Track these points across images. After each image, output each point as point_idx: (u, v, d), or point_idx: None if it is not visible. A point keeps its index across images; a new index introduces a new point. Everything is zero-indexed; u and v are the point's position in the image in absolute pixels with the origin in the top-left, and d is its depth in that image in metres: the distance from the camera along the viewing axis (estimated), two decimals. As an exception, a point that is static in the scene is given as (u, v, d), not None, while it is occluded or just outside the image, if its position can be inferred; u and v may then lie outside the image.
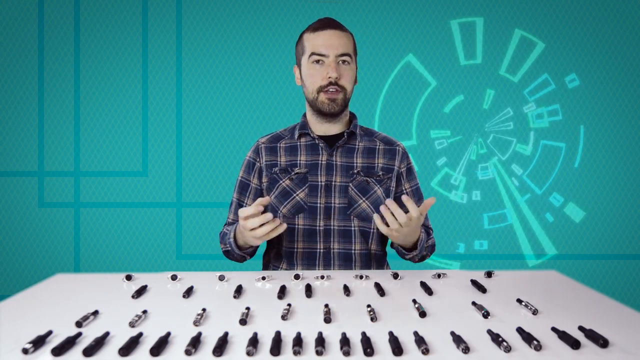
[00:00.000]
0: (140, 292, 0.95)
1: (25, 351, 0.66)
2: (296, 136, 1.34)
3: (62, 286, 1.03)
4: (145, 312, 0.82)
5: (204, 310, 0.82)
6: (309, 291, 0.95)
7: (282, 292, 0.94)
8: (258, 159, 1.35)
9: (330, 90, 1.24)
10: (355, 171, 1.30)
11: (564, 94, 2.61)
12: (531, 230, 2.63)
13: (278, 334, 0.70)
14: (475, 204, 2.63)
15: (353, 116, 1.38)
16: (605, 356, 0.66)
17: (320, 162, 1.30)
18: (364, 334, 0.70)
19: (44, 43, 2.58)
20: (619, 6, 2.59)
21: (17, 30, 2.58)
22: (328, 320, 0.78)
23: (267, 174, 1.33)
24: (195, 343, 0.67)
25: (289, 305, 0.85)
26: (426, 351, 0.66)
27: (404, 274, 1.12)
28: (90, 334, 0.73)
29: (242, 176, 1.38)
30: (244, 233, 1.10)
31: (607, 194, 2.62)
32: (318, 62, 1.25)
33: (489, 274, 1.10)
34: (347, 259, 1.28)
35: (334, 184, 1.28)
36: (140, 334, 0.71)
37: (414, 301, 0.87)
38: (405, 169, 1.36)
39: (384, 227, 1.06)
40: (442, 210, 2.64)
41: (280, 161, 1.33)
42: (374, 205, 1.29)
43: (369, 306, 0.84)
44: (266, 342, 0.69)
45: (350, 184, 1.29)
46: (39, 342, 0.68)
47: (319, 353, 0.65)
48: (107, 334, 0.71)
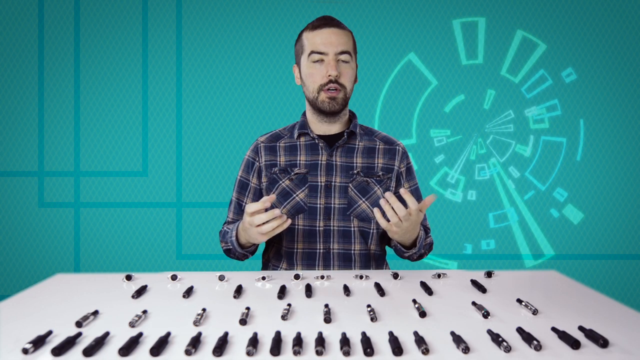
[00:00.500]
0: (140, 292, 0.95)
1: (25, 351, 0.66)
2: (296, 136, 1.34)
3: (62, 286, 1.03)
4: (145, 312, 0.82)
5: (204, 310, 0.82)
6: (309, 291, 0.95)
7: (282, 292, 0.94)
8: (257, 159, 1.35)
9: (330, 89, 1.23)
10: (355, 171, 1.30)
11: (561, 89, 2.61)
12: (529, 231, 2.63)
13: (278, 334, 0.70)
14: (471, 204, 2.63)
15: (353, 115, 1.38)
16: (605, 356, 0.66)
17: (320, 162, 1.30)
18: (364, 334, 0.70)
19: (44, 43, 2.58)
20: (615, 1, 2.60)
21: (17, 30, 2.58)
22: (328, 320, 0.78)
23: (267, 174, 1.33)
24: (195, 343, 0.67)
25: (289, 305, 0.85)
26: (426, 351, 0.66)
27: (404, 274, 1.12)
28: (90, 334, 0.73)
29: (241, 175, 1.38)
30: (248, 230, 1.10)
31: (607, 193, 2.62)
32: (317, 60, 1.24)
33: (489, 274, 1.10)
34: (347, 259, 1.28)
35: (333, 184, 1.28)
36: (140, 334, 0.71)
37: (414, 301, 0.87)
38: (405, 168, 1.36)
39: (383, 221, 1.06)
40: (442, 209, 2.64)
41: (280, 161, 1.32)
42: (374, 206, 1.28)
43: (369, 306, 0.84)
44: (266, 342, 0.69)
45: (350, 185, 1.28)
46: (39, 342, 0.68)
47: (319, 353, 0.65)
48: (107, 334, 0.71)
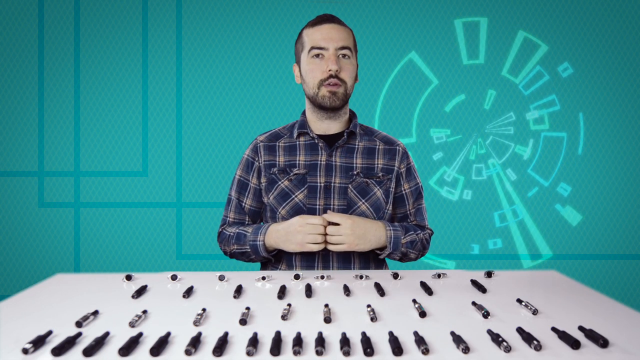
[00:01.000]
0: (140, 292, 0.95)
1: (25, 351, 0.66)
2: (295, 135, 1.33)
3: (62, 286, 1.03)
4: (145, 312, 0.82)
5: (204, 310, 0.82)
6: (309, 291, 0.95)
7: (282, 292, 0.94)
8: (257, 158, 1.34)
9: (331, 84, 1.22)
10: (355, 172, 1.29)
11: (558, 84, 2.62)
12: (527, 231, 2.63)
13: (278, 334, 0.70)
14: (466, 203, 2.63)
15: (353, 115, 1.37)
16: (605, 356, 0.66)
17: (319, 162, 1.29)
18: (364, 334, 0.70)
19: (44, 43, 2.58)
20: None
21: (17, 30, 2.58)
22: (328, 320, 0.78)
23: (266, 174, 1.32)
24: (195, 343, 0.67)
25: (289, 305, 0.85)
26: (426, 351, 0.66)
27: (404, 274, 1.12)
28: (90, 334, 0.73)
29: (240, 175, 1.36)
30: (290, 236, 1.17)
31: (608, 189, 2.62)
32: (318, 56, 1.23)
33: (489, 274, 1.10)
34: (346, 260, 1.27)
35: (333, 185, 1.27)
36: (140, 334, 0.71)
37: (414, 301, 0.87)
38: (405, 169, 1.35)
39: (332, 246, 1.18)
40: (441, 209, 2.64)
41: (279, 161, 1.31)
42: (374, 207, 1.28)
43: (369, 306, 0.84)
44: (266, 342, 0.69)
45: (350, 186, 1.28)
46: (39, 342, 0.68)
47: (319, 353, 0.65)
48: (107, 334, 0.71)
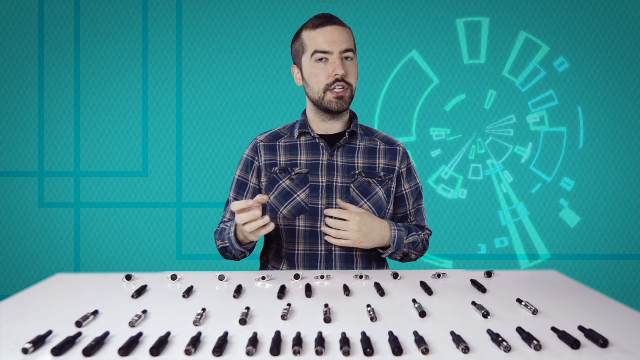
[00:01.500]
0: (140, 292, 0.95)
1: (25, 351, 0.66)
2: (296, 135, 1.32)
3: (62, 286, 1.03)
4: (145, 312, 0.82)
5: (204, 310, 0.82)
6: (309, 291, 0.95)
7: (282, 292, 0.94)
8: (257, 158, 1.33)
9: (337, 89, 1.21)
10: (357, 172, 1.29)
11: (555, 79, 2.62)
12: (525, 232, 2.63)
13: (278, 334, 0.70)
14: (463, 202, 2.63)
15: (353, 115, 1.37)
16: (605, 356, 0.66)
17: (321, 162, 1.29)
18: (364, 334, 0.70)
19: (44, 43, 2.58)
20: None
21: (17, 30, 2.58)
22: (328, 320, 0.78)
23: (267, 174, 1.31)
24: (195, 343, 0.67)
25: (289, 305, 0.85)
26: (426, 351, 0.66)
27: (404, 274, 1.12)
28: (90, 334, 0.73)
29: (239, 175, 1.36)
30: (241, 228, 1.10)
31: (609, 186, 2.61)
32: (322, 60, 1.22)
33: (489, 274, 1.10)
34: (349, 261, 1.27)
35: (335, 184, 1.27)
36: (140, 334, 0.71)
37: (414, 301, 0.87)
38: (406, 169, 1.35)
39: (335, 240, 1.18)
40: (440, 208, 2.64)
41: (280, 161, 1.31)
42: (376, 207, 1.28)
43: (369, 306, 0.84)
44: (266, 342, 0.69)
45: (352, 185, 1.28)
46: (39, 342, 0.68)
47: (319, 353, 0.65)
48: (107, 334, 0.71)
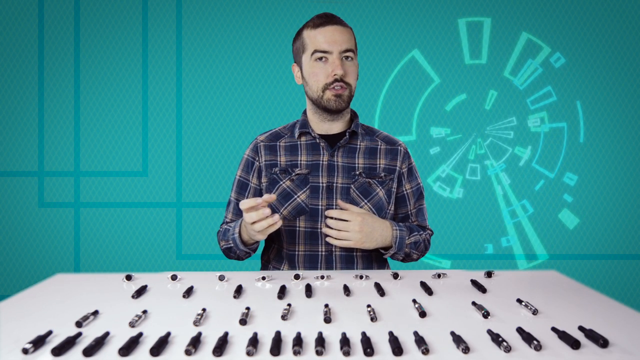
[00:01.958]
0: (140, 292, 0.95)
1: (25, 351, 0.66)
2: (296, 135, 1.32)
3: (62, 286, 1.03)
4: (145, 312, 0.82)
5: (204, 310, 0.82)
6: (309, 291, 0.95)
7: (282, 292, 0.94)
8: (257, 158, 1.33)
9: (336, 87, 1.21)
10: (357, 172, 1.28)
11: (552, 74, 2.62)
12: (524, 233, 2.63)
13: (278, 334, 0.70)
14: (460, 202, 2.63)
15: (354, 115, 1.37)
16: (605, 356, 0.66)
17: (321, 162, 1.28)
18: (364, 334, 0.70)
19: (44, 43, 2.58)
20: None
21: (17, 30, 2.58)
22: (328, 320, 0.78)
23: (267, 174, 1.31)
24: (195, 343, 0.67)
25: (289, 305, 0.85)
26: (426, 351, 0.66)
27: (404, 274, 1.12)
28: (90, 334, 0.73)
29: (240, 175, 1.36)
30: (248, 228, 1.10)
31: (611, 181, 2.62)
32: (321, 59, 1.22)
33: (489, 274, 1.10)
34: (349, 261, 1.27)
35: (335, 185, 1.27)
36: (140, 334, 0.71)
37: (414, 301, 0.87)
38: (407, 169, 1.35)
39: (337, 241, 1.17)
40: (441, 208, 2.64)
41: (280, 161, 1.31)
42: (376, 208, 1.28)
43: (369, 306, 0.84)
44: (266, 342, 0.69)
45: (352, 186, 1.27)
46: (39, 342, 0.68)
47: (319, 353, 0.65)
48: (107, 334, 0.71)
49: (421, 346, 0.67)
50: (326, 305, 0.84)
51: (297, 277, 1.07)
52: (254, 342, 0.67)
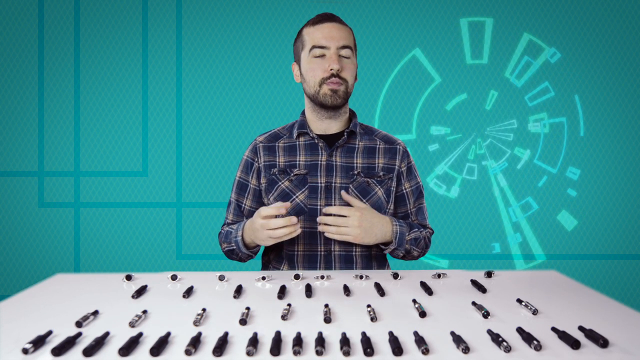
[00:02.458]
0: (140, 292, 0.95)
1: (25, 351, 0.66)
2: (295, 135, 1.32)
3: (62, 286, 1.03)
4: (145, 312, 0.82)
5: (204, 310, 0.82)
6: (309, 291, 0.95)
7: (282, 292, 0.94)
8: (256, 159, 1.33)
9: (333, 82, 1.22)
10: (356, 172, 1.29)
11: (548, 70, 2.62)
12: (523, 233, 2.63)
13: (278, 334, 0.70)
14: (458, 201, 2.63)
15: (353, 114, 1.37)
16: (605, 356, 0.66)
17: (319, 162, 1.29)
18: (364, 334, 0.70)
19: (44, 43, 2.58)
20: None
21: (17, 30, 2.58)
22: (328, 320, 0.78)
23: (266, 175, 1.31)
24: (195, 343, 0.67)
25: (289, 305, 0.85)
26: (426, 351, 0.66)
27: (404, 274, 1.12)
28: (90, 334, 0.73)
29: (240, 176, 1.36)
30: (257, 232, 1.11)
31: (612, 175, 2.61)
32: (319, 55, 1.23)
33: (489, 274, 1.10)
34: (349, 261, 1.27)
35: (334, 185, 1.27)
36: (140, 334, 0.71)
37: (414, 301, 0.87)
38: (406, 168, 1.35)
39: (336, 236, 1.18)
40: (440, 207, 2.64)
41: (279, 161, 1.31)
42: (375, 207, 1.27)
43: (369, 306, 0.84)
44: (266, 342, 0.69)
45: (351, 186, 1.27)
46: (39, 342, 0.68)
47: (319, 353, 0.65)
48: (107, 334, 0.71)
49: (421, 346, 0.67)
50: (326, 305, 0.84)
51: (297, 277, 1.07)
52: (254, 342, 0.67)
